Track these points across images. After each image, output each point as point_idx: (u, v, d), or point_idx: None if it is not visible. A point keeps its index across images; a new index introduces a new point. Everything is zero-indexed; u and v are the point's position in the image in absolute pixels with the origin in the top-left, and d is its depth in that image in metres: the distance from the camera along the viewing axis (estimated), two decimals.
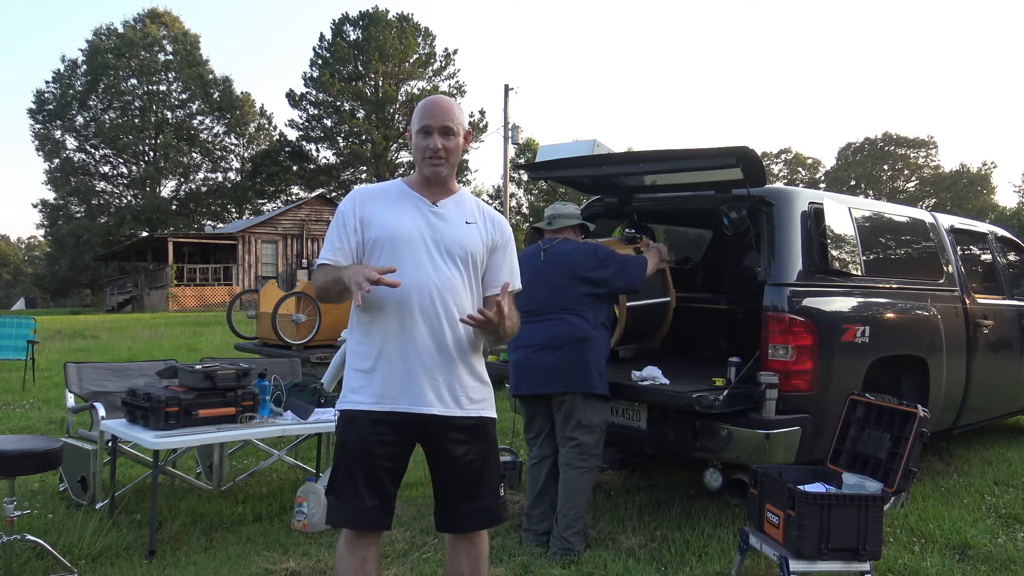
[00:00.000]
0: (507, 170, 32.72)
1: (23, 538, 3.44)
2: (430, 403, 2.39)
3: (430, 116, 2.42)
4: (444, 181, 2.50)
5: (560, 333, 3.93)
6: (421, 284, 2.38)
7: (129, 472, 5.06)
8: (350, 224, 2.45)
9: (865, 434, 3.63)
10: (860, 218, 4.67)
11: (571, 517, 3.83)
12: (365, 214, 2.45)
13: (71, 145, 47.98)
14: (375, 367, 2.40)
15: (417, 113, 2.46)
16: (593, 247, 4.13)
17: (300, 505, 4.18)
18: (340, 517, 2.43)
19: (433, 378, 2.39)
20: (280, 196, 47.41)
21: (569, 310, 3.96)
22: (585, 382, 3.90)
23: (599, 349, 3.98)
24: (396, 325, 2.38)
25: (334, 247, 2.45)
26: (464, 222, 2.49)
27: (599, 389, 3.93)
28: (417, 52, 44.85)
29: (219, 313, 24.44)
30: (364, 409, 2.39)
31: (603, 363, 4.00)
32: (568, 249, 4.11)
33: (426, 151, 2.43)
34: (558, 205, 4.32)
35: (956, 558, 3.87)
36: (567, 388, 3.91)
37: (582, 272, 4.00)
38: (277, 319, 8.08)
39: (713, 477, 4.03)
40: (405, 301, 2.37)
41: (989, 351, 5.50)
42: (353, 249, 2.44)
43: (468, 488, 2.48)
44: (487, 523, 2.56)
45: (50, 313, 32.92)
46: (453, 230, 2.46)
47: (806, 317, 3.99)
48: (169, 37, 47.56)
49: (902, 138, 58.48)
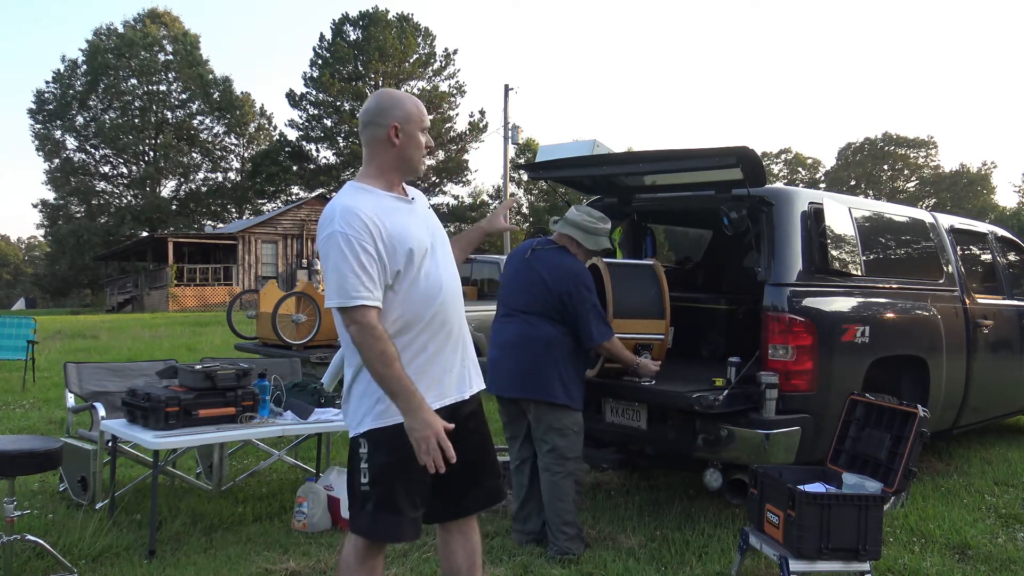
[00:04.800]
0: (507, 170, 32.74)
1: (23, 538, 3.44)
2: (460, 391, 2.45)
3: (426, 117, 2.48)
4: None
5: (527, 335, 3.84)
6: (449, 283, 2.42)
7: (129, 472, 5.05)
8: (372, 251, 2.24)
9: (865, 434, 3.63)
10: (860, 218, 4.67)
11: (559, 522, 3.80)
12: (382, 231, 2.26)
13: (71, 145, 48.11)
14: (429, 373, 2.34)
15: (419, 113, 2.43)
16: (574, 272, 3.89)
17: (300, 505, 4.18)
18: (401, 532, 2.36)
19: (468, 365, 2.49)
20: (280, 196, 47.41)
21: (540, 314, 3.86)
22: (545, 390, 3.79)
23: (567, 356, 3.85)
24: (441, 329, 2.38)
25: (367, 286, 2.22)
26: (426, 208, 2.53)
27: (559, 399, 3.79)
28: (417, 52, 44.87)
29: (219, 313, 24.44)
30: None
31: (572, 372, 3.87)
32: (554, 260, 3.94)
33: (424, 148, 2.45)
34: (573, 209, 4.11)
35: (956, 558, 3.87)
36: (527, 395, 3.83)
37: (552, 285, 3.87)
38: (277, 319, 8.08)
39: (713, 477, 4.03)
40: (441, 304, 2.38)
41: (989, 351, 5.50)
42: (384, 280, 2.27)
43: (475, 469, 2.50)
44: (492, 501, 2.61)
45: (50, 313, 32.92)
46: (432, 219, 2.51)
47: (806, 317, 3.99)
48: (169, 37, 47.59)
49: (902, 138, 58.48)
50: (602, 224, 4.05)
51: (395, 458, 2.30)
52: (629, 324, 4.16)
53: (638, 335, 4.19)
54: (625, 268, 4.46)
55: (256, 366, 4.56)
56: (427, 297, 2.34)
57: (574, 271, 3.91)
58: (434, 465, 2.19)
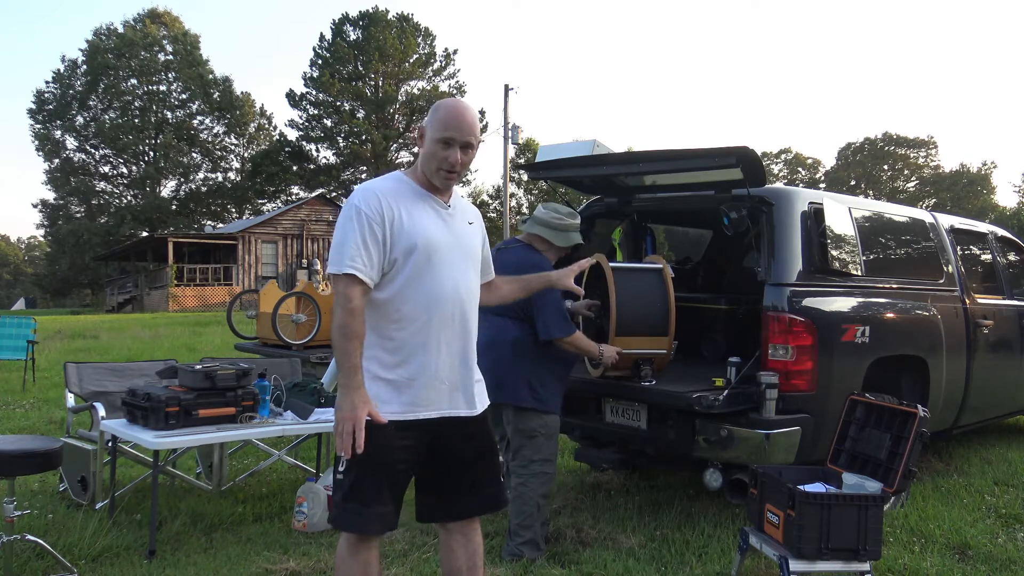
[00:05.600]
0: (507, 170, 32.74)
1: (23, 538, 3.44)
2: (455, 407, 2.43)
3: (455, 128, 2.32)
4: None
5: (494, 338, 3.72)
6: (455, 294, 2.39)
7: (129, 472, 5.05)
8: (378, 231, 2.28)
9: (865, 434, 3.63)
10: (860, 218, 4.67)
11: (516, 524, 3.77)
12: (394, 219, 2.30)
13: (71, 145, 48.14)
14: (412, 378, 2.35)
15: (441, 119, 2.34)
16: (537, 266, 3.73)
17: (300, 505, 4.18)
18: (367, 524, 2.38)
19: (463, 382, 2.44)
20: (280, 196, 47.43)
21: (505, 315, 3.76)
22: (512, 393, 3.74)
23: (536, 357, 3.79)
24: (434, 337, 2.36)
25: (364, 259, 2.26)
26: (467, 224, 2.49)
27: (525, 402, 3.74)
28: (417, 52, 44.88)
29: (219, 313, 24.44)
30: (394, 420, 2.33)
31: (544, 373, 3.81)
32: (519, 257, 3.84)
33: (444, 163, 2.34)
34: (540, 208, 4.01)
35: (956, 558, 3.87)
36: (498, 399, 3.67)
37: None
38: (277, 319, 8.08)
39: (713, 477, 4.02)
40: (439, 312, 2.36)
41: (989, 351, 5.50)
42: (381, 264, 2.30)
43: (475, 478, 2.50)
44: (492, 507, 2.59)
45: (50, 313, 32.92)
46: (466, 234, 2.46)
47: (806, 317, 3.99)
48: (169, 37, 47.60)
49: (902, 138, 58.50)
50: (570, 220, 3.94)
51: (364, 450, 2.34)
52: (633, 342, 4.06)
53: (641, 351, 4.11)
54: (631, 275, 4.22)
55: (256, 366, 4.56)
56: (425, 300, 2.33)
57: (537, 265, 3.76)
58: (347, 450, 2.22)
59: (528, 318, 3.80)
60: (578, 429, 4.72)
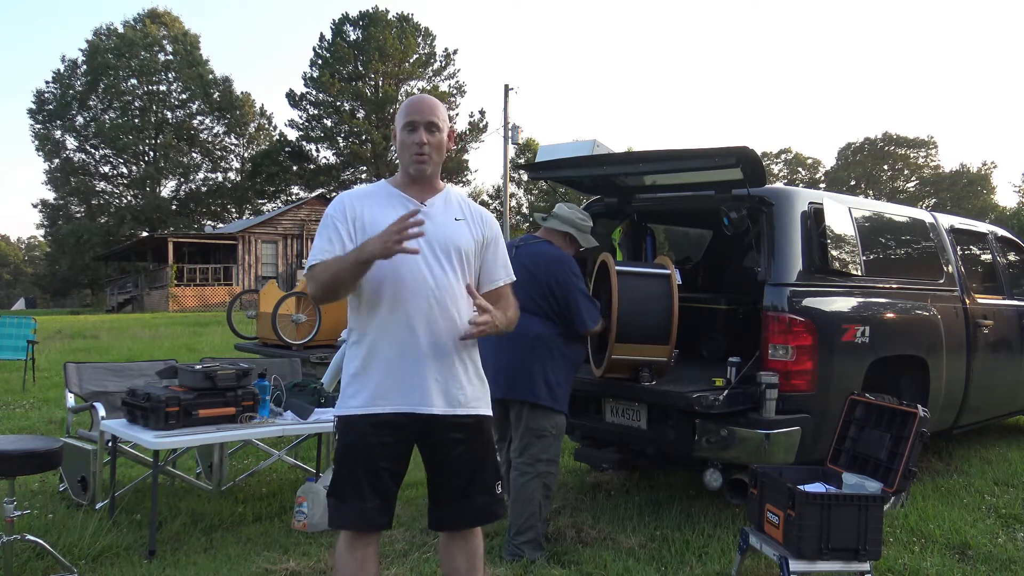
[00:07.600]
0: (507, 170, 32.75)
1: (23, 538, 3.44)
2: (430, 404, 2.41)
3: (416, 112, 2.44)
4: (429, 179, 2.51)
5: (515, 332, 3.62)
6: (418, 286, 2.39)
7: (129, 472, 5.05)
8: (342, 228, 2.42)
9: (865, 434, 3.63)
10: (860, 218, 4.67)
11: (519, 525, 3.76)
12: (357, 217, 2.44)
13: (71, 145, 48.12)
14: (369, 368, 2.41)
15: (402, 111, 2.48)
16: (560, 258, 3.86)
17: (300, 505, 4.18)
18: (343, 519, 2.44)
19: (433, 379, 2.41)
20: (280, 196, 47.42)
21: (529, 311, 3.63)
22: (530, 390, 3.75)
23: (556, 356, 3.80)
24: (393, 327, 2.38)
25: (324, 250, 2.40)
26: (453, 219, 2.50)
27: (543, 400, 3.75)
28: (417, 52, 44.86)
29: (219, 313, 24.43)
30: (361, 413, 2.39)
31: (560, 372, 3.82)
32: (541, 251, 3.92)
33: (412, 146, 2.43)
34: (563, 206, 4.10)
35: (956, 558, 3.87)
36: (511, 396, 3.77)
37: (539, 275, 3.81)
38: (277, 319, 8.08)
39: (713, 477, 4.02)
40: (403, 303, 2.38)
41: (989, 351, 5.50)
42: (346, 251, 2.38)
43: (465, 486, 2.49)
44: (483, 520, 2.56)
45: (50, 313, 32.92)
46: (443, 229, 2.46)
47: (806, 317, 3.99)
48: (169, 37, 47.59)
49: (902, 138, 58.47)
50: (590, 222, 4.14)
51: (340, 446, 2.46)
52: (633, 349, 4.03)
53: (641, 358, 4.09)
54: (636, 280, 4.12)
55: (256, 366, 4.56)
56: (386, 294, 2.37)
57: (560, 257, 3.90)
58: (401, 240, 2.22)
59: (553, 315, 3.83)
60: (578, 429, 4.72)
